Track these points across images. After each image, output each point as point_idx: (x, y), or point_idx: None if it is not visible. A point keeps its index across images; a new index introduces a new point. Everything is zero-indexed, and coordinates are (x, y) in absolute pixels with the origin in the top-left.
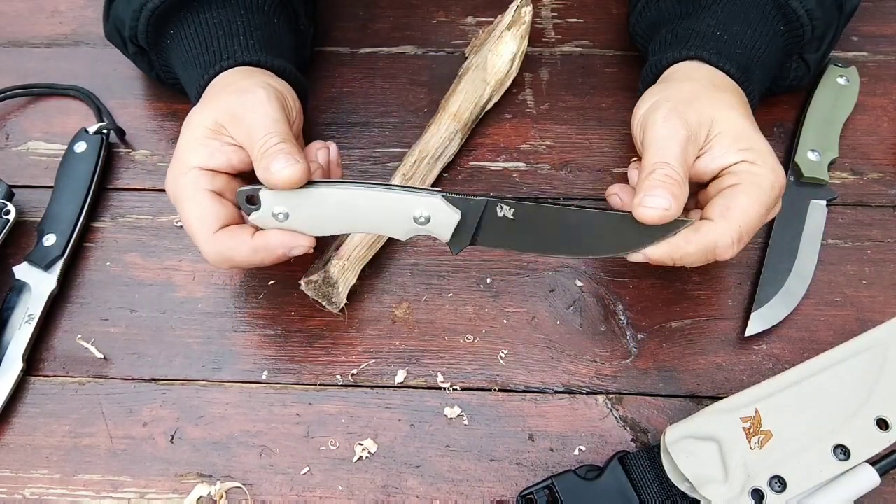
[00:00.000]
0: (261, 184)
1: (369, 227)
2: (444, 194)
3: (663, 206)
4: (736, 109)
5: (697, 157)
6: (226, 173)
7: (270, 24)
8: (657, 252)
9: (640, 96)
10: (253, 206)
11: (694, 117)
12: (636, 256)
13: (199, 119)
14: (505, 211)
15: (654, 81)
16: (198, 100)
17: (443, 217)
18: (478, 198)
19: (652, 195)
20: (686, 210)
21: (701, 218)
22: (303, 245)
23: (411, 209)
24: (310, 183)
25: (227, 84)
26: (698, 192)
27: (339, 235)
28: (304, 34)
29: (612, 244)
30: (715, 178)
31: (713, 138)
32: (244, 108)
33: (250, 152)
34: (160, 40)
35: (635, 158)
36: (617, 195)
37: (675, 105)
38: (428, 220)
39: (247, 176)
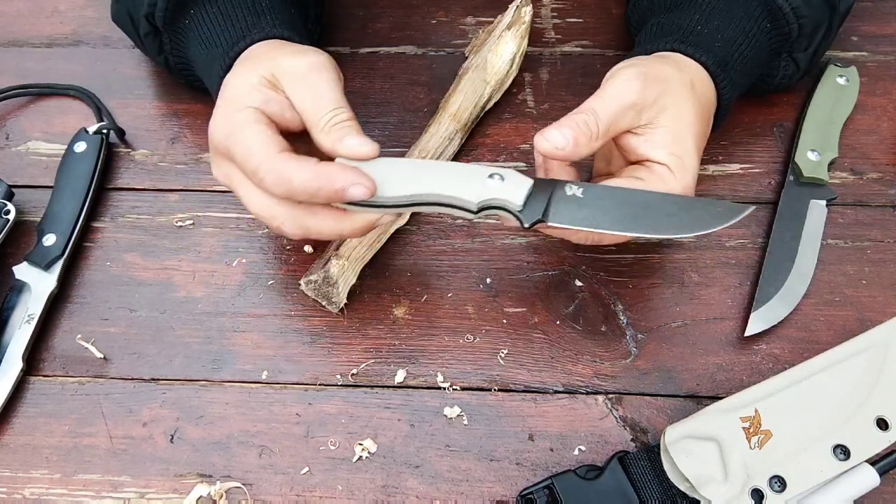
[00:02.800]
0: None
1: (441, 190)
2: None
3: (558, 143)
4: (693, 116)
5: (634, 134)
6: (275, 124)
7: (289, 12)
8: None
9: None
10: None
11: (651, 94)
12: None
13: (253, 70)
14: (574, 190)
15: None
16: (222, 75)
17: (516, 181)
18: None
19: (557, 129)
20: (598, 176)
21: None
22: (364, 185)
23: (485, 172)
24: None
25: (276, 47)
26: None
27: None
28: (311, 34)
29: (678, 223)
30: (636, 163)
31: (658, 128)
32: (308, 70)
33: (311, 117)
34: (178, 20)
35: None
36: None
37: (645, 74)
38: (502, 179)
39: (290, 137)
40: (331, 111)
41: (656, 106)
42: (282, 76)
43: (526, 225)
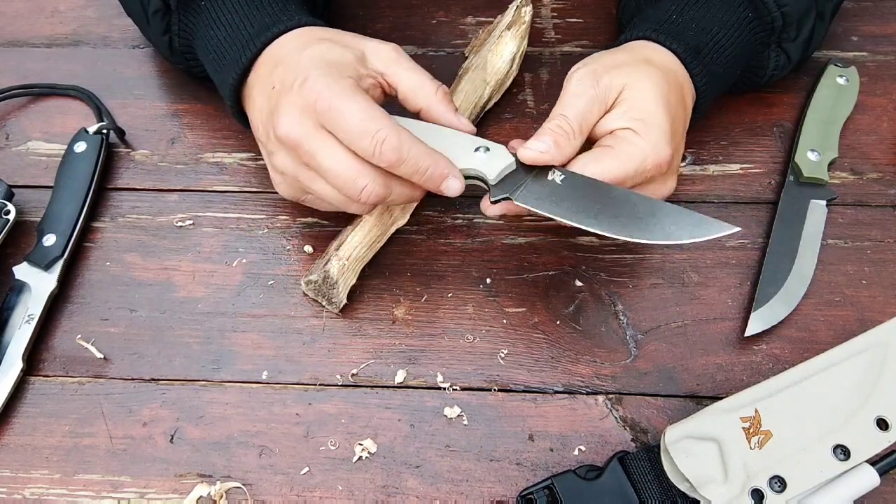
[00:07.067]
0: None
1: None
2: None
3: (540, 148)
4: (651, 82)
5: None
6: None
7: (304, 2)
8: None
9: None
10: None
11: (605, 80)
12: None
13: (344, 48)
14: (555, 175)
15: None
16: (248, 59)
17: (500, 157)
18: None
19: (536, 139)
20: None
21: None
22: (460, 181)
23: (476, 141)
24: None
25: (341, 33)
26: None
27: (339, 236)
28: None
29: (642, 229)
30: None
31: (617, 104)
32: (397, 53)
33: (418, 86)
34: (194, 0)
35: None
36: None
37: (594, 69)
38: (487, 151)
39: None
40: (434, 81)
41: (614, 87)
42: (374, 57)
43: (492, 199)
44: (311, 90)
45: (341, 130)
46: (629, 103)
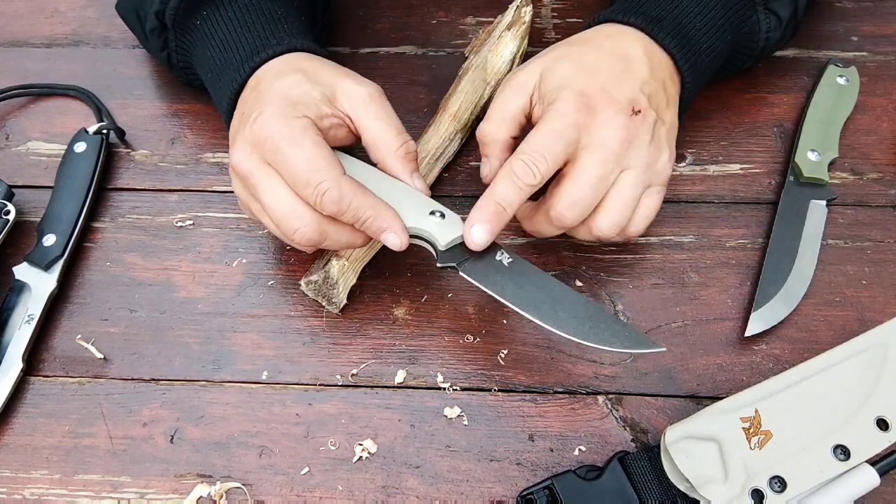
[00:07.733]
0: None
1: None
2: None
3: (483, 172)
4: (562, 53)
5: (533, 111)
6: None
7: (300, 20)
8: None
9: None
10: None
11: (521, 73)
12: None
13: (314, 84)
14: (503, 257)
15: None
16: (240, 82)
17: (453, 226)
18: None
19: (483, 165)
20: None
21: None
22: (401, 238)
23: (431, 206)
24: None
25: (324, 65)
26: None
27: None
28: (319, 40)
29: (578, 329)
30: None
31: (539, 93)
32: (370, 96)
33: (380, 139)
34: (189, 20)
35: None
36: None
37: (513, 71)
38: (442, 216)
39: None
40: (400, 136)
41: (531, 72)
42: (345, 98)
43: (438, 265)
44: (261, 128)
45: (286, 175)
46: (545, 86)
